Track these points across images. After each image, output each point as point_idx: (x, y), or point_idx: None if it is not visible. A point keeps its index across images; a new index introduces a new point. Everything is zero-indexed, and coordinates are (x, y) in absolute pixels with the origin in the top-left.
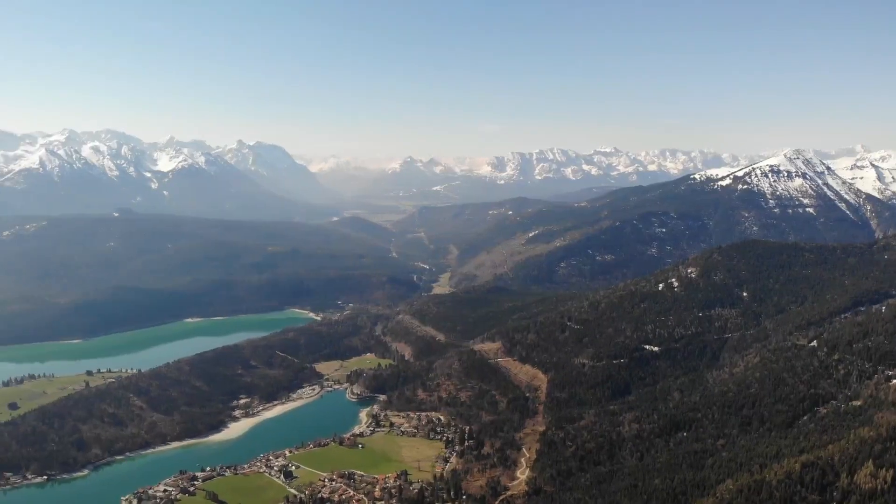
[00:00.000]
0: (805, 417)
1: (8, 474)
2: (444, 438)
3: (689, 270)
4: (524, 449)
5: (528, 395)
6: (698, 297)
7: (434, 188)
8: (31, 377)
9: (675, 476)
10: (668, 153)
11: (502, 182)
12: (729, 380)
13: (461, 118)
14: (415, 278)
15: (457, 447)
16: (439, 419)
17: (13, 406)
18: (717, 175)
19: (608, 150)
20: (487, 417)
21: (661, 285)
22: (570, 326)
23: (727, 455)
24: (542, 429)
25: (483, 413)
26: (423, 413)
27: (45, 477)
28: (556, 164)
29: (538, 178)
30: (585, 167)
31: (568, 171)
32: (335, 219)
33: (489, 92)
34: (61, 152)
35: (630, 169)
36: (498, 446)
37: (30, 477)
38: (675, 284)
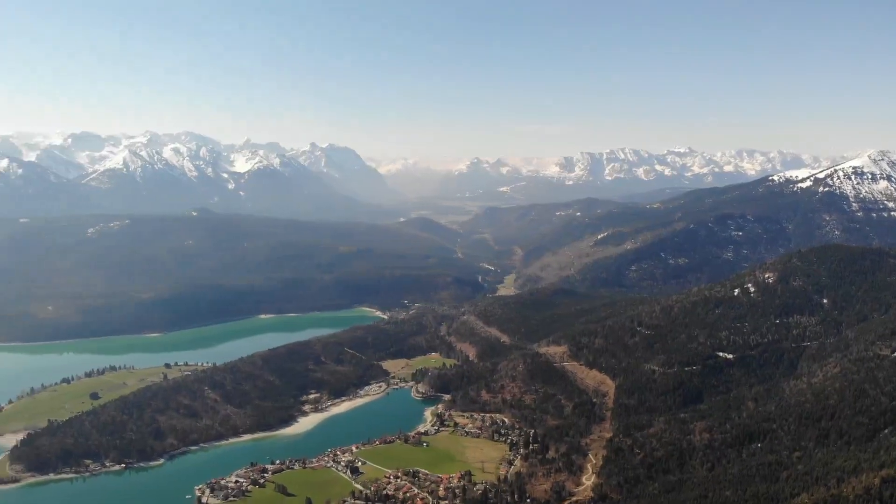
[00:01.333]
0: (886, 431)
1: (88, 461)
2: (509, 441)
3: (767, 275)
4: (590, 455)
5: (594, 400)
6: (775, 303)
7: (500, 189)
8: (113, 369)
9: (747, 488)
10: (744, 153)
11: (570, 183)
12: (807, 390)
13: (528, 119)
14: (479, 279)
15: (521, 450)
16: (503, 421)
17: (95, 396)
18: (796, 176)
19: (682, 149)
20: (552, 422)
21: (736, 290)
22: (641, 331)
23: (803, 468)
24: (608, 435)
25: (548, 417)
26: (487, 414)
27: (123, 465)
28: (627, 164)
29: (608, 178)
30: (658, 167)
31: (640, 172)
32: (402, 219)
33: (556, 92)
34: (143, 153)
35: (705, 170)
36: (563, 451)
37: (108, 465)
38: (752, 290)
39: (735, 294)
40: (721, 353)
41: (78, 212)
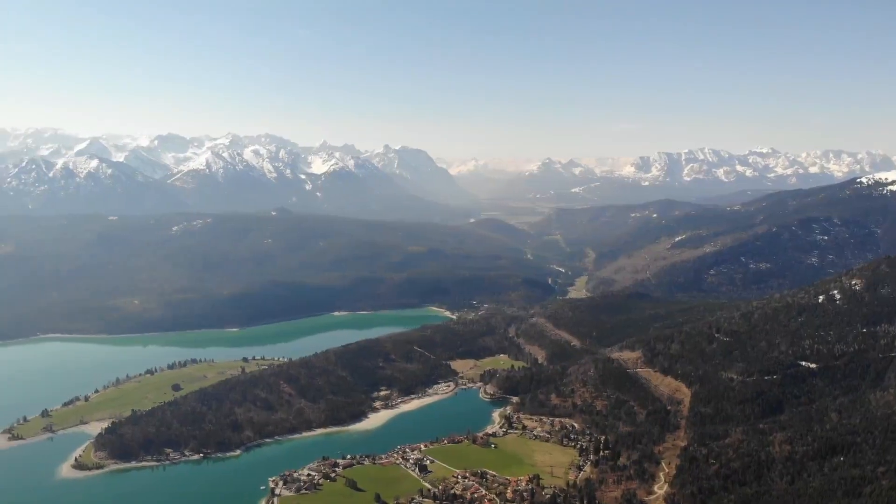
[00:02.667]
0: None
1: (168, 450)
2: (578, 446)
3: (854, 282)
4: (663, 463)
5: (669, 407)
6: (863, 311)
7: (572, 190)
8: (194, 361)
9: (828, 503)
10: (831, 154)
11: (646, 183)
12: (894, 402)
13: (603, 118)
14: (550, 281)
15: (591, 456)
16: (573, 426)
17: (176, 387)
18: (886, 179)
19: (764, 150)
20: (625, 428)
21: (821, 297)
22: (719, 338)
23: (888, 483)
24: (683, 444)
25: (620, 423)
26: (557, 419)
27: (202, 455)
28: (706, 164)
29: (686, 179)
30: (739, 168)
31: (720, 173)
32: (472, 220)
33: (633, 90)
34: (225, 155)
35: (789, 171)
36: (635, 458)
37: (188, 454)
38: (838, 297)
39: (819, 301)
40: (803, 363)
41: (163, 210)
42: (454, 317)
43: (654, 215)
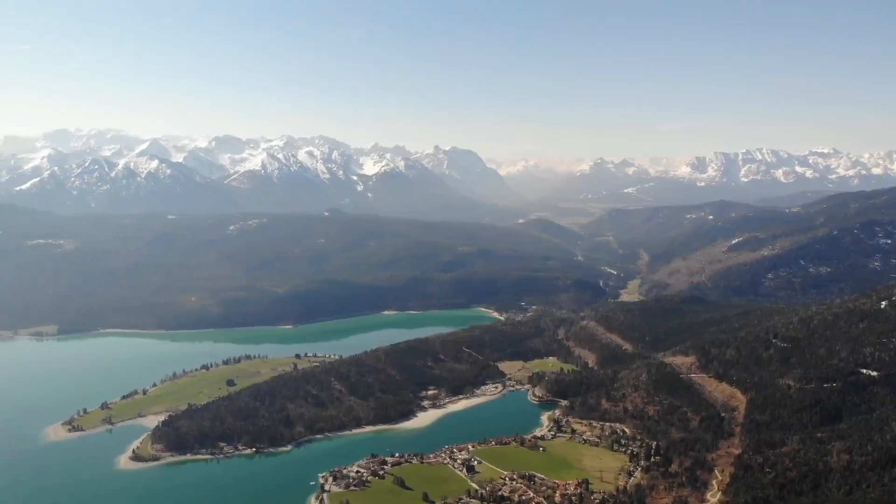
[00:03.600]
0: None
1: (222, 444)
2: (629, 451)
3: None
4: (716, 471)
5: (723, 414)
6: None
7: (625, 190)
8: (248, 357)
9: None
10: (895, 155)
11: (702, 184)
12: None
13: (656, 117)
14: (601, 283)
15: (642, 462)
16: (624, 431)
17: (231, 383)
18: None
19: (825, 150)
20: (677, 434)
21: (884, 303)
22: (776, 344)
23: None
24: (737, 451)
25: (672, 429)
26: (607, 423)
27: (254, 449)
28: (764, 165)
29: (744, 180)
30: (799, 169)
31: (778, 174)
32: (521, 221)
33: (688, 89)
34: (280, 156)
35: (851, 172)
36: (687, 465)
37: (241, 448)
38: None
39: (882, 307)
40: (864, 370)
41: (220, 210)
42: (503, 318)
43: (710, 217)
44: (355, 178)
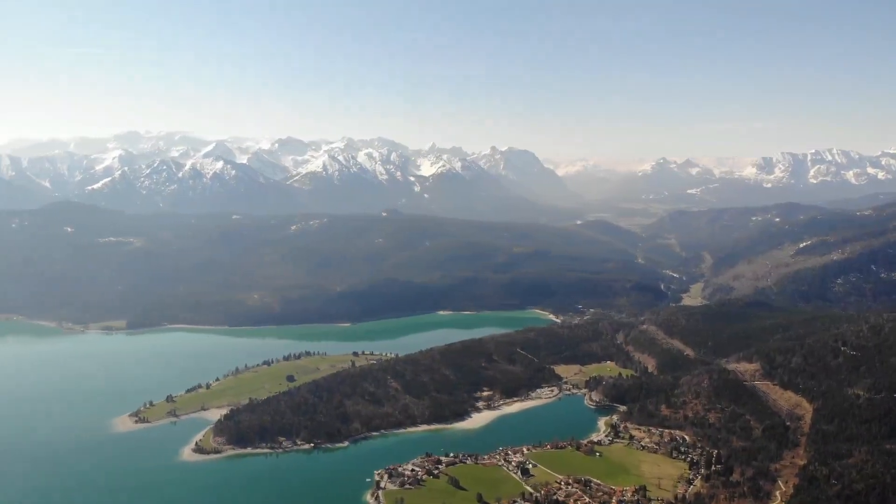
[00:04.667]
0: None
1: (281, 439)
2: (689, 459)
3: None
4: (780, 482)
5: (788, 423)
6: None
7: (688, 191)
8: (307, 354)
9: None
10: None
11: (769, 185)
12: None
13: (721, 116)
14: (662, 286)
15: (702, 470)
16: (684, 438)
17: (291, 378)
18: None
19: None
20: (739, 443)
21: None
22: (845, 352)
23: None
24: (802, 462)
25: (734, 438)
26: (666, 430)
27: (312, 444)
28: (834, 166)
29: (812, 181)
30: (871, 170)
31: (849, 175)
32: (579, 222)
33: (755, 86)
34: (340, 158)
35: None
36: (750, 475)
37: (299, 443)
38: None
39: None
40: None
41: (282, 210)
42: (559, 320)
43: (777, 219)
44: (412, 178)
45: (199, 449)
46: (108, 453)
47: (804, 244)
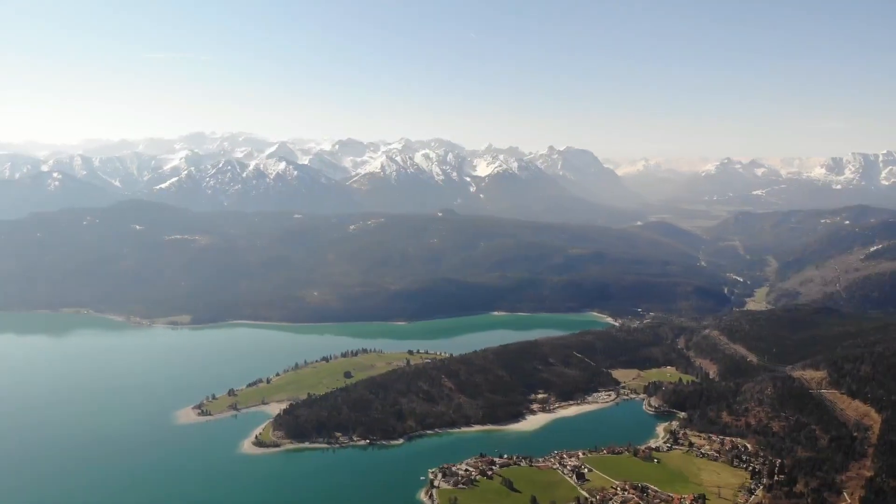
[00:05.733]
0: None
1: (338, 434)
2: (750, 468)
3: None
4: (845, 493)
5: (855, 434)
6: None
7: (754, 192)
8: (364, 351)
9: None
10: None
11: (838, 187)
12: None
13: (789, 114)
14: (725, 291)
15: (764, 480)
16: (745, 447)
17: (348, 375)
18: None
19: None
20: (803, 453)
21: None
22: None
23: None
24: (869, 474)
25: (798, 448)
26: (727, 438)
27: (368, 441)
28: None
29: (884, 183)
30: None
31: None
32: (639, 223)
33: (823, 83)
34: (398, 159)
35: None
36: (814, 486)
37: (355, 439)
38: None
39: None
40: None
41: (341, 210)
42: (617, 324)
43: (847, 222)
44: (468, 179)
45: (258, 442)
46: (172, 445)
47: (875, 248)
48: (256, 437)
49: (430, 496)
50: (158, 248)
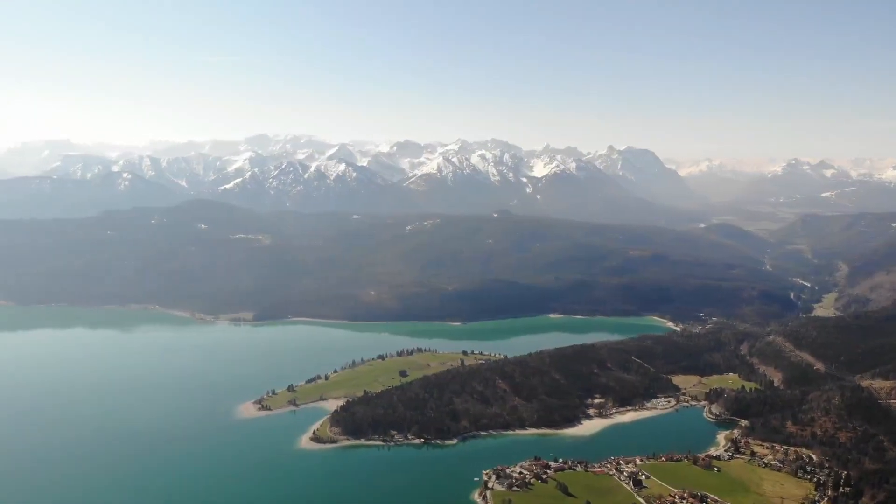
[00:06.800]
0: None
1: (393, 432)
2: (815, 480)
3: None
4: None
5: None
6: None
7: (822, 194)
8: (419, 350)
9: None
10: None
11: None
12: None
13: (860, 114)
14: (791, 296)
15: (829, 492)
16: (810, 457)
17: (403, 373)
18: None
19: None
20: (871, 465)
21: None
22: None
23: None
24: None
25: (865, 459)
26: (791, 447)
27: (422, 440)
28: None
29: None
30: None
31: None
32: (702, 225)
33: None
34: (454, 160)
35: None
36: (881, 499)
37: (410, 437)
38: None
39: None
40: None
41: (398, 210)
42: (678, 328)
43: None
44: (524, 179)
45: (316, 438)
46: (233, 438)
47: None
48: (314, 432)
49: (484, 497)
50: (223, 246)
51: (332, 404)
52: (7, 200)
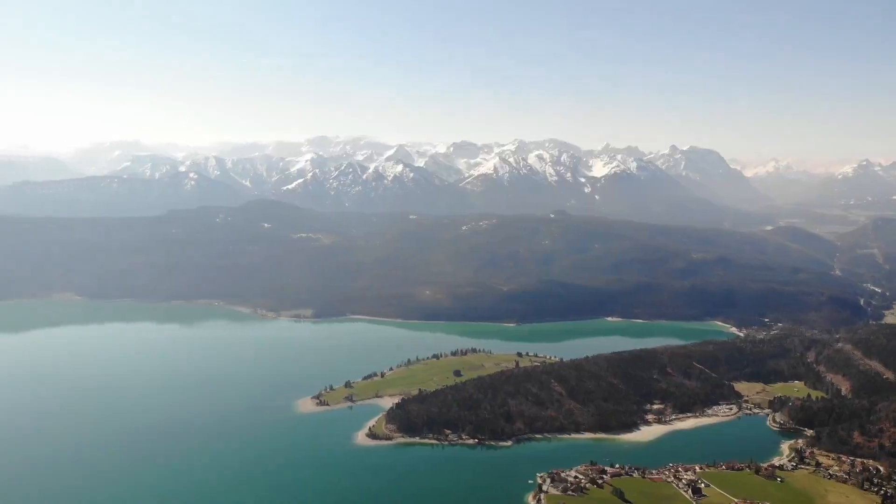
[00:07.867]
0: None
1: (447, 431)
2: (882, 492)
3: None
4: None
5: None
6: None
7: (895, 197)
8: (474, 351)
9: None
10: None
11: None
12: None
13: None
14: (861, 302)
15: None
16: (878, 469)
17: (457, 373)
18: None
19: None
20: None
21: None
22: None
23: None
24: None
25: None
26: (858, 459)
27: (477, 440)
28: None
29: None
30: None
31: None
32: (768, 227)
33: None
34: (511, 160)
35: None
36: None
37: (464, 437)
38: None
39: None
40: None
41: (454, 211)
42: (741, 334)
43: None
44: (582, 179)
45: (371, 434)
46: (292, 432)
47: None
48: (370, 428)
49: (539, 501)
50: (285, 245)
51: (388, 401)
52: (79, 199)
